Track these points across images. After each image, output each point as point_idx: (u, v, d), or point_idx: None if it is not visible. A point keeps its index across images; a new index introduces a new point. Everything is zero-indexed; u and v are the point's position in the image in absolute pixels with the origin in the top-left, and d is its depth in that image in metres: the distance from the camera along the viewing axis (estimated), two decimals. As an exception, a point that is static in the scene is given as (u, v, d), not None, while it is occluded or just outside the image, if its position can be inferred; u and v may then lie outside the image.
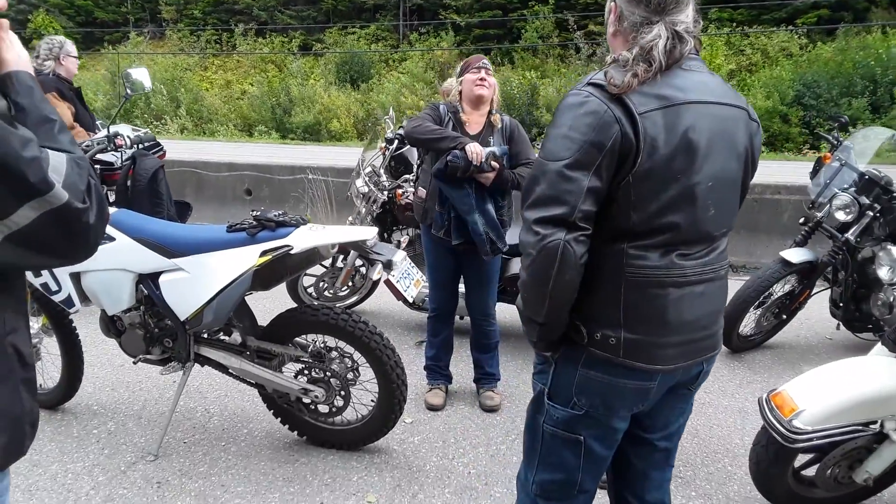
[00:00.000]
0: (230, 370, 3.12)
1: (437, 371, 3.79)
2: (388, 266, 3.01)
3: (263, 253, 2.82)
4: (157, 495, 2.84)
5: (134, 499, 2.81)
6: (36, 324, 3.36)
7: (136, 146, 3.31)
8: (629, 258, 1.58)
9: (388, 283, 3.67)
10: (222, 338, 3.17)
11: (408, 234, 4.49)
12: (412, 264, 4.05)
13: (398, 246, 4.45)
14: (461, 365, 4.11)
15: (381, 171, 4.47)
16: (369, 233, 2.88)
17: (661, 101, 1.52)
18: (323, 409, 3.22)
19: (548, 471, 1.81)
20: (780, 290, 4.42)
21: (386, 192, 4.34)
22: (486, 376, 3.78)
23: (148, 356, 3.16)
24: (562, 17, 22.52)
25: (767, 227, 6.62)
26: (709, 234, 1.63)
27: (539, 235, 1.51)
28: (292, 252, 2.78)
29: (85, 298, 3.07)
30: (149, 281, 3.00)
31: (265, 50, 24.49)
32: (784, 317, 4.54)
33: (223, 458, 3.11)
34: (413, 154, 4.63)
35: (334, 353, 3.10)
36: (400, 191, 4.32)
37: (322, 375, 3.07)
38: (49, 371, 3.49)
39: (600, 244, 1.60)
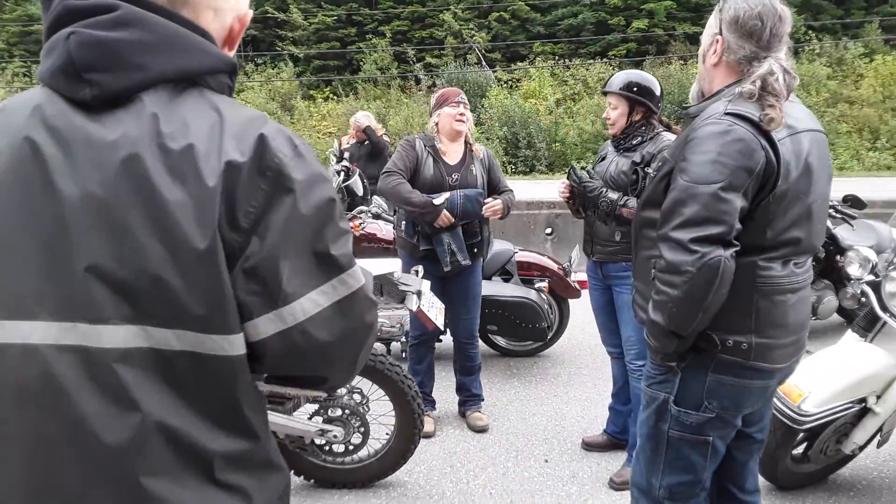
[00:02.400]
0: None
1: (425, 398, 3.83)
2: (418, 296, 3.02)
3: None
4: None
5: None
6: None
7: None
8: (759, 269, 1.80)
9: (419, 313, 3.69)
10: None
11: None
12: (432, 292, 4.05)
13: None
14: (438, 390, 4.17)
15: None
16: (395, 264, 2.89)
17: (788, 129, 1.76)
18: (338, 448, 3.10)
19: (675, 474, 1.95)
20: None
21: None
22: (471, 398, 3.87)
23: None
24: (400, 49, 23.15)
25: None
26: (814, 245, 1.90)
27: (698, 253, 1.68)
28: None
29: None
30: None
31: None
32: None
33: None
34: (359, 185, 4.65)
35: (344, 389, 3.05)
36: (357, 222, 4.30)
37: (340, 414, 3.01)
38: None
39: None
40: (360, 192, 4.68)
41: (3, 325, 0.87)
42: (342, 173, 4.56)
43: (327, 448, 3.07)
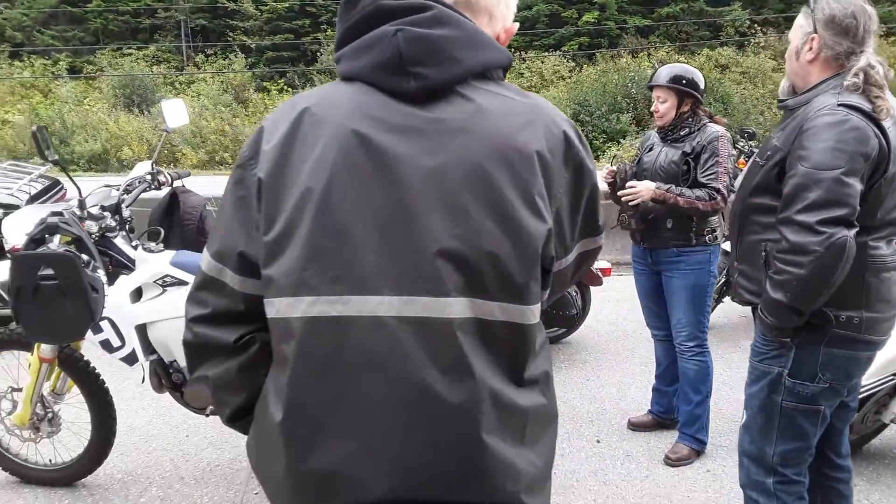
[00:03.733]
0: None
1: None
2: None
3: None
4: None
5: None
6: (44, 389, 2.88)
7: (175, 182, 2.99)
8: (870, 249, 1.93)
9: None
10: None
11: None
12: None
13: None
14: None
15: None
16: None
17: (892, 119, 1.91)
18: None
19: (788, 442, 2.07)
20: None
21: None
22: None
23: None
24: (355, 40, 22.99)
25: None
26: None
27: (825, 234, 1.80)
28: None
29: (150, 352, 2.76)
30: (227, 325, 2.78)
31: (25, 74, 21.86)
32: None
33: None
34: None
35: None
36: None
37: None
38: (64, 441, 3.03)
39: None
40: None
41: (351, 300, 0.94)
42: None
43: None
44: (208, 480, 3.13)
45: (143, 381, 3.12)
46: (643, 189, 3.00)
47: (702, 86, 3.15)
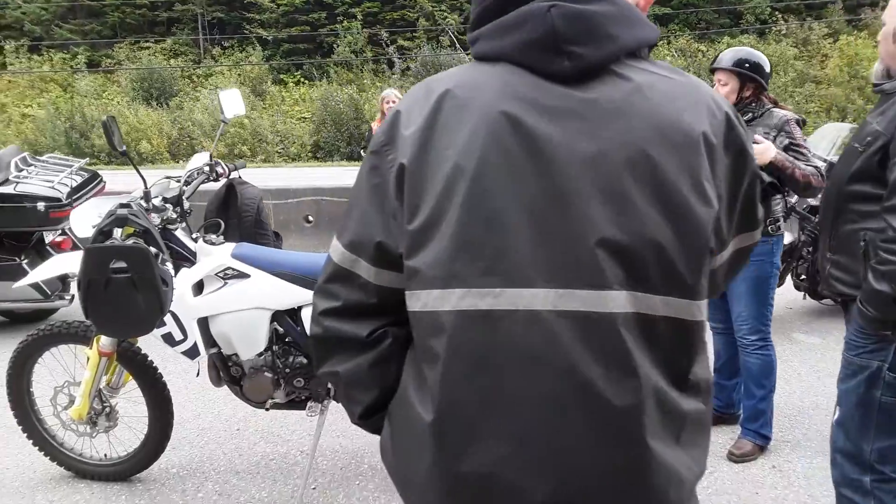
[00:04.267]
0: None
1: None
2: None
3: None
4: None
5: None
6: (100, 383, 2.85)
7: (232, 174, 2.94)
8: None
9: None
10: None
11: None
12: None
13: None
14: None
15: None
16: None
17: None
18: None
19: (886, 438, 1.97)
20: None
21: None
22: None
23: (275, 400, 2.87)
24: (374, 31, 22.90)
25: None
26: None
27: None
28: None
29: (211, 345, 2.72)
30: (286, 317, 2.75)
31: (44, 68, 21.95)
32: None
33: (369, 496, 2.91)
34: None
35: None
36: None
37: None
38: (119, 436, 3.01)
39: None
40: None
41: (503, 293, 0.87)
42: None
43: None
44: (265, 475, 3.10)
45: (198, 375, 3.09)
46: (766, 148, 2.77)
47: (767, 70, 3.06)
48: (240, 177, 3.00)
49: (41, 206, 4.47)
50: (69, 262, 2.83)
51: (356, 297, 1.01)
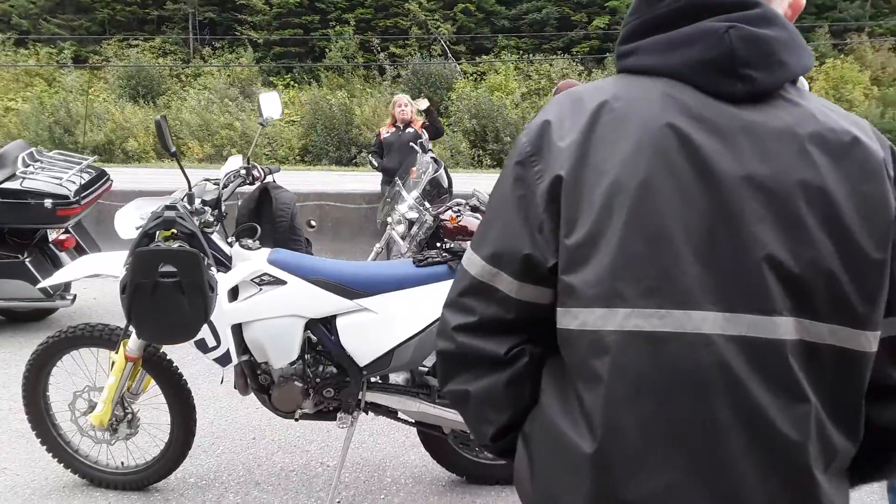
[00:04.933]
0: (400, 415, 2.87)
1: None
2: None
3: (472, 286, 2.67)
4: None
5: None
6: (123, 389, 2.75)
7: (266, 178, 2.87)
8: None
9: None
10: (393, 381, 2.90)
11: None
12: None
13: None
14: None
15: (420, 195, 4.30)
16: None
17: None
18: None
19: None
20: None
21: (432, 217, 4.19)
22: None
23: (304, 410, 2.80)
24: (365, 38, 22.88)
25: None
26: None
27: None
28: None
29: (242, 352, 2.65)
30: (320, 326, 2.68)
31: (30, 62, 21.61)
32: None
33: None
34: (444, 177, 4.55)
35: None
36: (454, 214, 4.18)
37: None
38: (138, 443, 2.92)
39: None
40: (445, 184, 4.58)
41: (669, 314, 0.84)
42: (431, 165, 4.43)
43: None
44: (286, 487, 3.03)
45: (222, 383, 3.02)
46: None
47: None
48: (274, 180, 2.94)
49: (48, 202, 4.36)
50: (100, 263, 2.75)
51: (493, 312, 0.97)
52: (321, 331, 2.67)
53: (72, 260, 4.86)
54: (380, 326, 2.63)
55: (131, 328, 2.67)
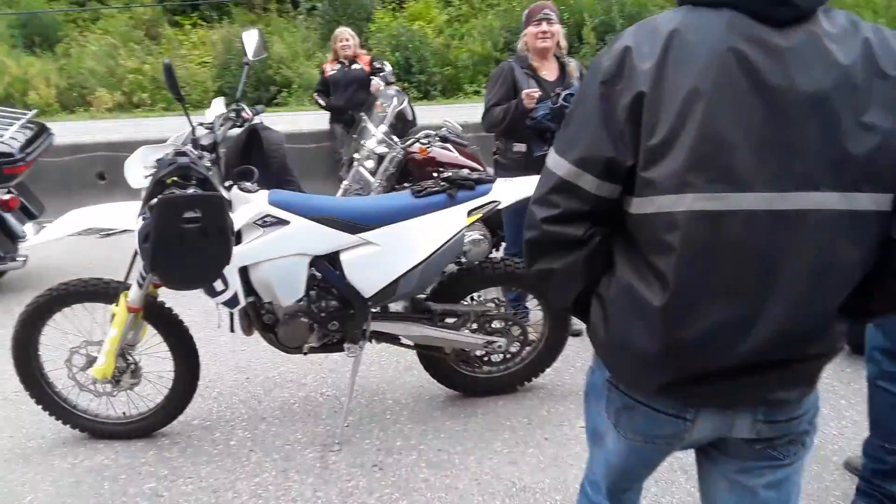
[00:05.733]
0: (402, 340, 2.96)
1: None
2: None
3: (470, 212, 2.75)
4: (376, 476, 2.65)
5: (352, 486, 2.62)
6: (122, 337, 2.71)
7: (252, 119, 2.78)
8: None
9: None
10: (393, 309, 2.98)
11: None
12: None
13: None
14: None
15: (388, 129, 4.25)
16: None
17: None
18: (496, 358, 3.17)
19: None
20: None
21: (402, 150, 4.16)
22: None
23: (310, 345, 2.85)
24: (273, -31, 21.78)
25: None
26: None
27: None
28: (500, 207, 2.76)
29: (248, 294, 2.65)
30: (324, 262, 2.72)
31: None
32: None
33: (402, 427, 3.00)
34: (408, 110, 4.50)
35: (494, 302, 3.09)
36: (421, 145, 4.15)
37: (501, 325, 3.06)
38: (139, 392, 2.95)
39: None
40: (410, 116, 4.53)
41: (727, 196, 1.09)
42: (394, 99, 4.37)
43: (486, 359, 3.16)
44: (292, 419, 3.12)
45: (218, 327, 3.03)
46: None
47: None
48: (261, 122, 2.90)
49: (-8, 162, 4.14)
50: (92, 218, 2.68)
51: (573, 206, 1.22)
52: (325, 267, 2.72)
53: (18, 220, 4.66)
54: (383, 258, 2.70)
55: (130, 279, 2.66)
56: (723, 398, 1.24)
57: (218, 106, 2.84)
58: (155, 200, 2.15)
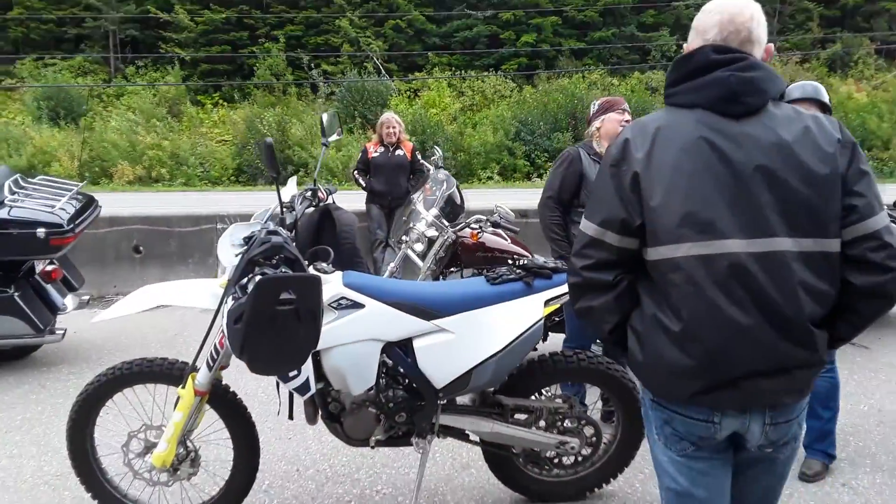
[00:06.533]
0: (471, 436, 2.82)
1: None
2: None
3: (548, 302, 2.67)
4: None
5: None
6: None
7: (327, 199, 2.75)
8: None
9: None
10: (464, 402, 2.85)
11: (461, 275, 4.33)
12: None
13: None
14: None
15: (438, 212, 4.24)
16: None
17: None
18: (567, 460, 2.98)
19: None
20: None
21: (452, 234, 4.14)
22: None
23: (377, 437, 2.71)
24: (295, 55, 22.57)
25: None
26: None
27: None
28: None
29: (318, 380, 2.55)
30: (395, 349, 2.62)
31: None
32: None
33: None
34: (456, 195, 4.51)
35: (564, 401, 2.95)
36: (472, 230, 4.12)
37: (574, 424, 2.89)
38: (195, 481, 2.74)
39: None
40: (458, 200, 4.53)
41: (713, 243, 1.49)
42: (444, 184, 4.39)
43: (556, 461, 2.98)
44: (349, 516, 2.94)
45: (278, 414, 2.91)
46: None
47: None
48: (333, 202, 2.87)
49: (41, 232, 4.10)
50: (166, 294, 2.61)
51: (603, 256, 1.61)
52: (397, 353, 2.62)
53: (59, 293, 4.59)
54: (457, 347, 2.60)
55: (199, 362, 2.56)
56: (741, 402, 1.56)
57: (292, 185, 2.82)
58: (246, 280, 2.08)
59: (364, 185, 6.21)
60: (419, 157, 6.36)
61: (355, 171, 6.29)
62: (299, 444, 3.54)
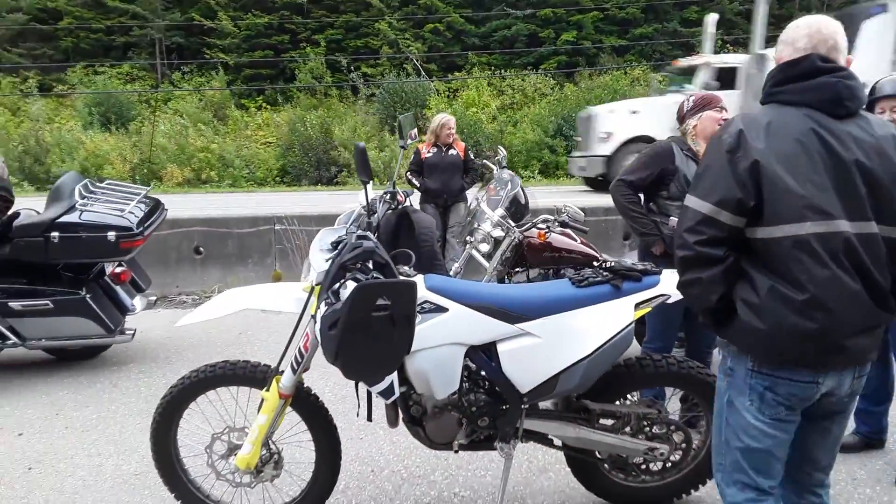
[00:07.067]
0: (554, 441, 2.77)
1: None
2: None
3: (638, 305, 2.60)
4: None
5: None
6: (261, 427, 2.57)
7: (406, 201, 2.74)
8: None
9: None
10: (546, 407, 2.80)
11: (527, 276, 4.28)
12: None
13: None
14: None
15: (504, 212, 4.19)
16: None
17: None
18: (655, 466, 2.89)
19: None
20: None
21: (519, 234, 4.09)
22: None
23: (460, 441, 2.68)
24: (334, 59, 22.73)
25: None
26: None
27: None
28: (670, 301, 2.61)
29: (401, 384, 2.52)
30: (479, 353, 2.58)
31: (-6, 92, 20.86)
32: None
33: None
34: (521, 194, 4.45)
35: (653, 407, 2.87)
36: (539, 230, 4.07)
37: (664, 430, 2.82)
38: (276, 485, 2.74)
39: None
40: (523, 200, 4.47)
41: (829, 223, 1.71)
42: (508, 183, 4.34)
43: (644, 467, 2.91)
44: (429, 518, 2.90)
45: (357, 415, 2.88)
46: None
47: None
48: (411, 205, 2.83)
49: (112, 235, 4.16)
50: (250, 298, 2.60)
51: (714, 233, 1.78)
52: (481, 358, 2.57)
53: (127, 294, 4.66)
54: (543, 351, 2.54)
55: (282, 365, 2.55)
56: (845, 362, 1.77)
57: (370, 188, 2.79)
58: (338, 285, 2.06)
59: (419, 185, 6.22)
60: (472, 155, 6.41)
61: (408, 173, 6.34)
62: (371, 445, 3.52)
